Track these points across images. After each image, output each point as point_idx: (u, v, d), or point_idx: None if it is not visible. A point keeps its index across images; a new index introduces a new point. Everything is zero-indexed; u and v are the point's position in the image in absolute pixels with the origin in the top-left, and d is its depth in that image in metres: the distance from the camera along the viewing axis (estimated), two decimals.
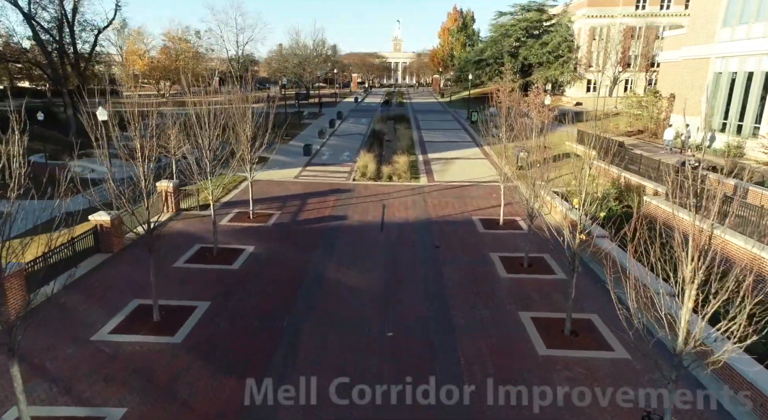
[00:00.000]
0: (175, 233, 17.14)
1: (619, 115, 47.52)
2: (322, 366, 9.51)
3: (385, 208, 20.78)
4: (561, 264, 14.29)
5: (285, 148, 33.15)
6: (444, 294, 12.84)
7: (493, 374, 9.27)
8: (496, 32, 65.42)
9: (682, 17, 57.89)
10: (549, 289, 13.15)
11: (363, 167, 26.83)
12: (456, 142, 36.90)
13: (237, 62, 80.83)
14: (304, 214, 19.76)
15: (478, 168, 28.39)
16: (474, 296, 12.76)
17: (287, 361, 9.69)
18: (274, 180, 25.13)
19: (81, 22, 41.48)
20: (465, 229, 18.14)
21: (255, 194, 20.04)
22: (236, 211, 19.70)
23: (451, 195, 22.73)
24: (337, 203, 21.27)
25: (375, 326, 11.16)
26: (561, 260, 13.78)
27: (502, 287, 13.34)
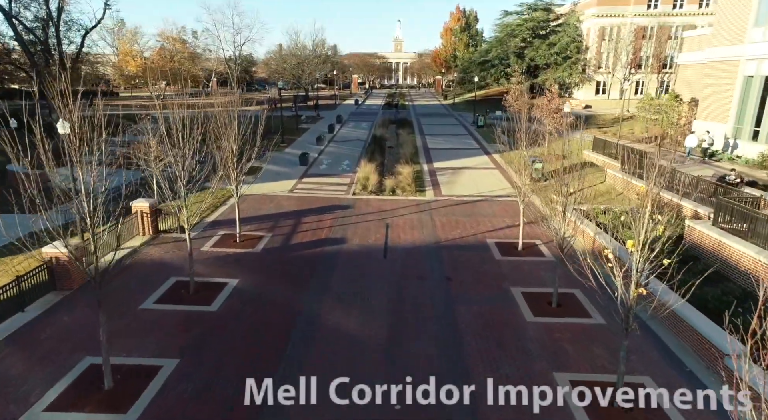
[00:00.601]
0: (149, 263, 15.01)
1: (632, 118, 45.41)
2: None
3: (389, 228, 18.65)
4: (595, 303, 12.16)
5: (280, 157, 31.05)
6: (460, 345, 10.69)
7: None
8: (501, 32, 63.28)
9: (696, 17, 55.71)
10: (586, 340, 11.00)
11: (364, 179, 24.71)
12: (462, 149, 34.74)
13: (234, 63, 78.84)
14: (297, 237, 17.62)
15: (488, 179, 26.25)
16: (496, 349, 10.61)
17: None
18: (266, 194, 22.98)
19: (67, 22, 39.37)
20: (480, 256, 15.99)
21: (244, 212, 17.95)
22: (222, 233, 17.57)
23: (461, 212, 20.58)
24: (335, 222, 19.13)
25: (378, 395, 9.00)
26: (594, 298, 11.63)
27: (529, 336, 11.18)
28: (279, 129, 35.65)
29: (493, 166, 29.16)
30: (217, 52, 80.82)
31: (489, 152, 33.42)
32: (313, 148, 33.78)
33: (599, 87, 59.79)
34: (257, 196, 22.48)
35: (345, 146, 35.50)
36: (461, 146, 35.74)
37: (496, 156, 32.04)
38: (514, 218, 19.71)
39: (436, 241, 17.27)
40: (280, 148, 33.77)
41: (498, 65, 62.08)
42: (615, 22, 57.02)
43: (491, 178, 26.51)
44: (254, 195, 22.55)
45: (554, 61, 58.65)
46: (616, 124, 44.31)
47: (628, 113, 49.57)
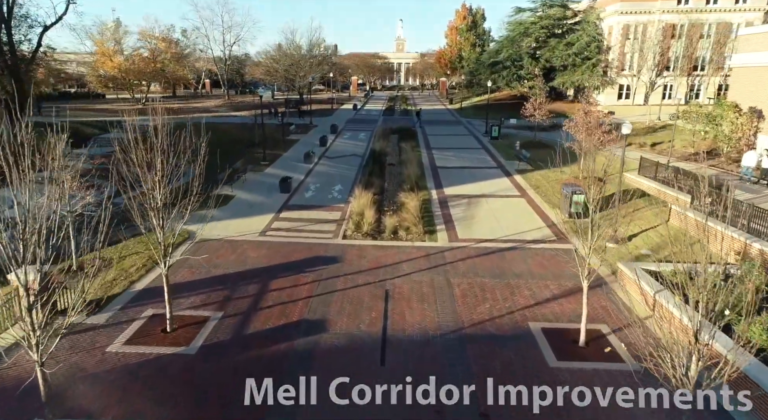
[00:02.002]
0: (13, 384, 9.69)
1: (666, 128, 40.03)
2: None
3: (389, 298, 13.39)
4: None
5: (257, 181, 25.80)
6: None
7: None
8: (513, 31, 57.92)
9: (731, 13, 50.31)
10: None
11: (358, 214, 19.46)
12: (477, 168, 29.42)
13: (224, 63, 73.68)
14: (258, 318, 12.34)
15: (513, 212, 20.96)
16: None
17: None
18: (230, 238, 17.71)
19: (19, 17, 34.13)
20: (523, 359, 10.70)
21: (191, 272, 12.74)
22: (151, 314, 12.30)
23: (487, 270, 15.28)
24: (316, 289, 13.87)
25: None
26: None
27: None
28: (263, 141, 30.39)
29: (518, 193, 23.85)
30: (206, 51, 75.80)
31: (509, 172, 28.12)
32: (299, 168, 28.49)
33: (622, 91, 54.42)
34: (216, 242, 17.20)
35: (338, 165, 30.17)
36: (475, 164, 30.41)
37: (519, 178, 26.75)
38: (558, 279, 14.47)
39: (457, 327, 11.98)
40: (260, 167, 28.53)
41: (510, 67, 56.72)
42: (641, 19, 51.67)
43: (517, 211, 21.21)
44: (213, 240, 17.30)
45: (572, 62, 53.36)
46: (648, 134, 38.96)
47: (659, 121, 44.23)
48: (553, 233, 18.59)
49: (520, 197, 23.21)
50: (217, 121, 46.53)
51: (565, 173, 27.22)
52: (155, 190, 10.47)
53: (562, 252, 16.62)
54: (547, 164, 29.52)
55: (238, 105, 60.82)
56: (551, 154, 33.19)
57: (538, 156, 31.57)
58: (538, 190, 24.19)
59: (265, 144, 30.66)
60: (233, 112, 54.85)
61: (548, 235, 18.36)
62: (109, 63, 55.03)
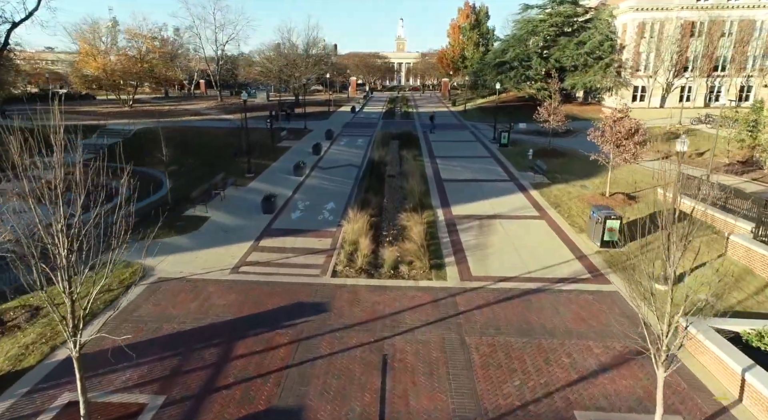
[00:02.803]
0: None
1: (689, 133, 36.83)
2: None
3: (388, 369, 10.29)
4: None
5: (239, 197, 22.70)
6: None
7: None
8: (521, 29, 54.77)
9: (755, 9, 47.10)
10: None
11: (351, 243, 16.37)
12: (487, 181, 26.28)
13: (217, 64, 70.66)
14: (211, 408, 9.20)
15: (534, 238, 17.83)
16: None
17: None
18: (194, 276, 14.57)
19: None
20: None
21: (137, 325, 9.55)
22: (67, 401, 9.18)
23: (512, 324, 12.16)
24: (293, 355, 10.77)
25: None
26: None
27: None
28: (248, 150, 27.26)
29: (537, 214, 20.70)
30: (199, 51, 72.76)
31: (523, 186, 25.00)
32: (288, 182, 25.35)
33: (636, 93, 51.26)
34: (177, 282, 14.08)
35: (332, 177, 27.02)
36: (485, 177, 27.25)
37: (535, 193, 23.63)
38: (603, 339, 11.38)
39: (479, 417, 8.87)
40: (244, 180, 25.43)
41: (518, 67, 53.56)
42: (657, 16, 48.50)
43: (538, 237, 18.08)
44: (174, 279, 14.20)
45: (584, 62, 50.28)
46: (670, 141, 35.77)
47: (680, 125, 41.10)
48: (584, 268, 15.48)
49: (540, 218, 20.07)
50: (205, 124, 43.44)
51: (588, 188, 24.13)
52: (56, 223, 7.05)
53: (602, 296, 13.53)
54: (565, 176, 26.48)
55: (230, 107, 57.66)
56: (569, 164, 30.18)
57: (555, 167, 28.49)
58: (560, 209, 21.08)
59: (251, 153, 27.53)
60: (224, 114, 51.73)
61: (579, 271, 15.24)
62: (93, 63, 51.94)
